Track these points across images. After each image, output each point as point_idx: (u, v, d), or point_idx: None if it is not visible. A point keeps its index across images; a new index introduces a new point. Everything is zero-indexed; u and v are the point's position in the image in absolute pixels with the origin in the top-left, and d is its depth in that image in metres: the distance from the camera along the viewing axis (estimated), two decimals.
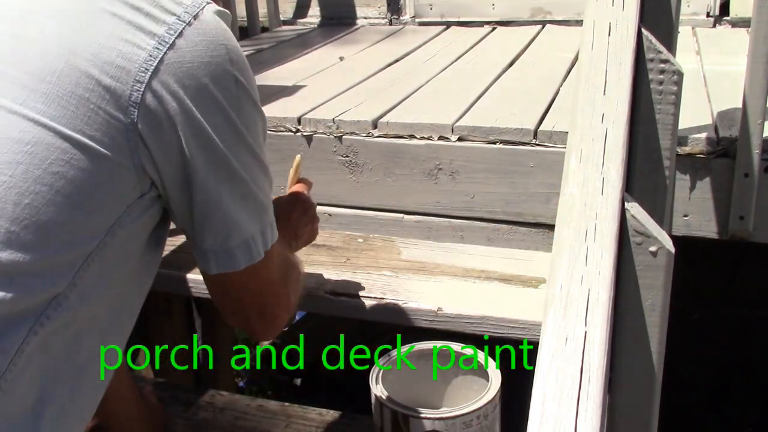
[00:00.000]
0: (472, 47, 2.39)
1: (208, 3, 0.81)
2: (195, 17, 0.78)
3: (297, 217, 1.21)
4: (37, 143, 0.72)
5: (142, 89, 0.75)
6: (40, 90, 0.73)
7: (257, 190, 0.87)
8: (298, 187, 1.28)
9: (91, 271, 0.78)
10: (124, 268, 0.83)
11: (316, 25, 2.95)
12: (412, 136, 1.57)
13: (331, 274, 1.42)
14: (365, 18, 2.90)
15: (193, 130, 0.79)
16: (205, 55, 0.78)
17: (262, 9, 2.85)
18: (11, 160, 0.71)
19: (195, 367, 2.15)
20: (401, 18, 2.85)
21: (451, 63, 2.18)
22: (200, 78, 0.78)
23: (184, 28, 0.77)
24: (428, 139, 1.56)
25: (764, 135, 1.37)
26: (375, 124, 1.60)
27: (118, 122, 0.75)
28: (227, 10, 0.85)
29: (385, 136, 1.59)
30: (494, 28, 2.68)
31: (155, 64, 0.75)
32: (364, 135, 1.60)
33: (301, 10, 3.00)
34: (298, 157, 1.33)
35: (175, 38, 0.77)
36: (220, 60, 0.79)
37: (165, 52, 0.76)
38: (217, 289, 0.93)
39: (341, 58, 2.32)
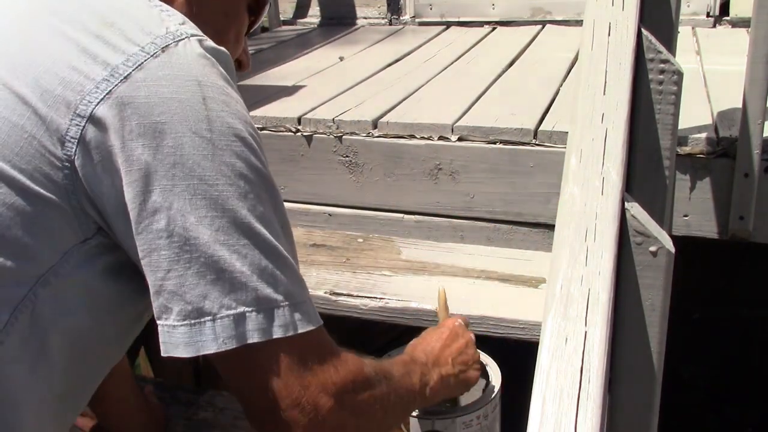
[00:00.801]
0: (472, 47, 2.39)
1: (192, 36, 0.71)
2: (164, 49, 0.68)
3: (444, 345, 1.02)
4: None
5: (82, 124, 0.66)
6: None
7: (231, 258, 0.67)
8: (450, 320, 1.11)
9: (20, 329, 0.68)
10: (67, 324, 0.71)
11: (316, 25, 2.95)
12: (412, 136, 1.57)
13: (331, 274, 1.42)
14: (365, 18, 2.90)
15: (138, 176, 0.66)
16: (167, 91, 0.67)
17: None
18: None
19: (195, 367, 2.15)
20: (401, 18, 2.85)
21: (451, 63, 2.18)
22: (155, 117, 0.66)
23: (145, 60, 0.67)
24: (428, 139, 1.56)
25: (764, 135, 1.37)
26: (375, 124, 1.60)
27: (54, 157, 0.67)
28: (224, 49, 0.74)
29: (385, 136, 1.59)
30: (494, 28, 2.68)
31: (100, 97, 0.66)
32: (364, 135, 1.60)
33: (301, 10, 3.00)
34: (441, 291, 1.17)
35: (132, 70, 0.67)
36: (187, 97, 0.67)
37: (116, 85, 0.66)
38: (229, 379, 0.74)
39: (341, 58, 2.32)
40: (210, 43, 0.73)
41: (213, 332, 0.67)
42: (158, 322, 0.68)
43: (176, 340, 0.67)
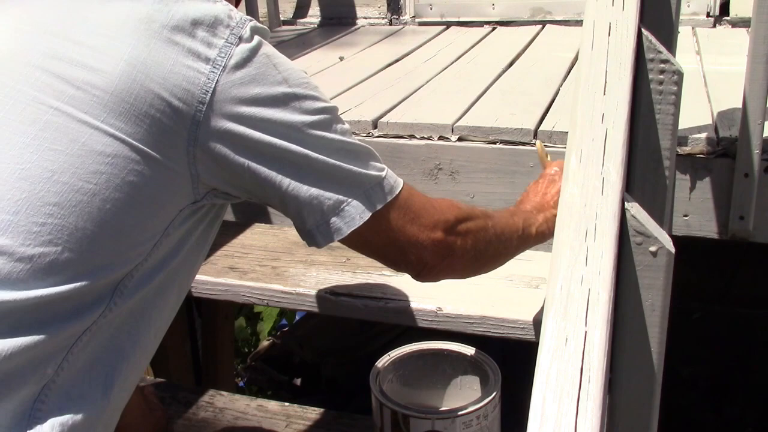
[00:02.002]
0: (472, 47, 2.39)
1: (248, 20, 0.89)
2: (240, 39, 0.87)
3: (544, 188, 1.27)
4: (116, 156, 0.82)
5: (203, 109, 0.84)
6: (118, 109, 0.83)
7: (342, 166, 0.92)
8: (548, 167, 1.33)
9: (148, 265, 0.88)
10: (175, 261, 0.92)
11: (316, 25, 2.95)
12: (412, 136, 1.57)
13: (331, 274, 1.42)
14: (365, 18, 2.90)
15: (257, 143, 0.87)
16: (252, 70, 0.87)
17: (262, 9, 2.85)
18: (95, 171, 0.82)
19: (195, 367, 2.15)
20: (401, 18, 2.85)
21: (451, 63, 2.18)
22: (252, 90, 0.86)
23: (231, 50, 0.86)
24: (428, 139, 1.56)
25: (764, 135, 1.37)
26: (375, 124, 1.60)
27: (181, 138, 0.85)
28: (265, 27, 0.92)
29: (385, 136, 1.59)
30: (494, 28, 2.68)
31: (213, 86, 0.84)
32: (364, 135, 1.60)
33: (301, 10, 3.00)
34: (538, 143, 1.39)
35: (226, 60, 0.85)
36: (265, 69, 0.88)
37: (219, 74, 0.85)
38: (355, 248, 1.01)
39: (341, 58, 2.32)
40: (255, 22, 0.90)
41: (353, 214, 0.93)
42: (308, 228, 0.93)
43: (330, 232, 0.93)
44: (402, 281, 1.38)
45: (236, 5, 1.07)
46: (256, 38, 0.89)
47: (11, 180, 0.80)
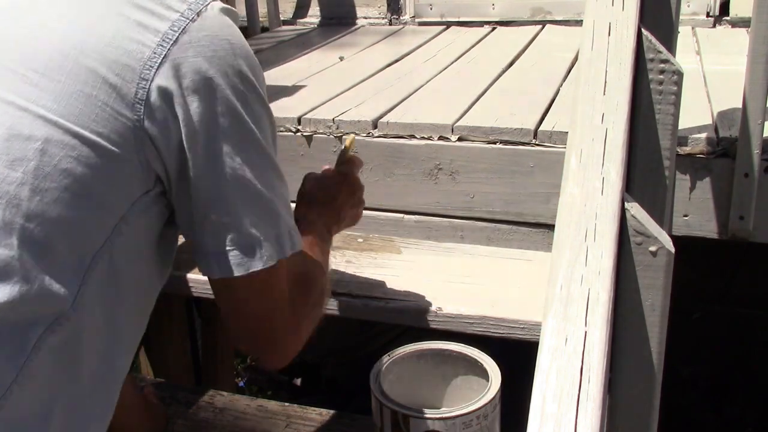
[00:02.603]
0: (472, 47, 2.39)
1: (213, 0, 0.82)
2: (198, 14, 0.79)
3: (343, 200, 1.15)
4: (47, 140, 0.73)
5: (147, 86, 0.76)
6: (50, 88, 0.74)
7: (267, 192, 0.83)
8: (347, 167, 1.20)
9: (99, 271, 0.78)
10: (133, 268, 0.83)
11: (316, 25, 2.95)
12: (412, 136, 1.57)
13: (331, 274, 1.42)
14: (365, 18, 2.90)
15: (196, 126, 0.78)
16: (208, 50, 0.78)
17: (262, 9, 2.85)
18: (23, 157, 0.73)
19: (195, 367, 2.15)
20: (401, 18, 2.85)
21: (451, 63, 2.18)
22: (203, 73, 0.78)
23: (187, 25, 0.78)
24: (428, 139, 1.56)
25: (764, 135, 1.37)
26: (375, 124, 1.60)
27: (125, 119, 0.76)
28: (234, 8, 0.85)
29: (385, 136, 1.59)
30: (494, 28, 2.68)
31: (159, 60, 0.76)
32: (364, 135, 1.60)
33: (301, 10, 3.00)
34: (351, 136, 1.29)
35: (179, 35, 0.77)
36: (223, 54, 0.79)
37: (168, 49, 0.77)
38: (223, 302, 0.90)
39: (341, 58, 2.32)
40: (221, 3, 0.83)
41: (260, 253, 0.83)
42: (211, 250, 0.83)
43: (228, 263, 0.82)
44: (402, 281, 1.38)
45: None
46: (222, 19, 0.81)
47: None
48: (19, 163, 0.73)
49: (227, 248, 0.83)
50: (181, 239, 0.95)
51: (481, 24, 2.72)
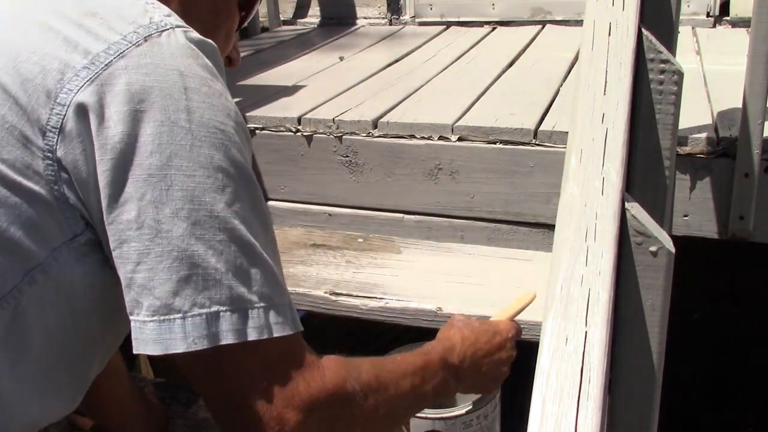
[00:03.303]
0: (472, 47, 2.39)
1: (177, 27, 0.71)
2: (147, 38, 0.68)
3: (484, 348, 0.96)
4: None
5: (63, 112, 0.65)
6: None
7: (198, 254, 0.65)
8: (506, 322, 1.05)
9: (2, 322, 0.66)
10: (51, 321, 0.69)
11: (316, 25, 2.95)
12: (412, 136, 1.57)
13: (331, 274, 1.42)
14: (365, 18, 2.90)
15: (116, 165, 0.65)
16: (149, 80, 0.66)
17: (262, 9, 2.85)
18: None
19: None
20: (401, 18, 2.85)
21: (451, 63, 2.18)
22: (134, 104, 0.65)
23: (127, 49, 0.67)
24: (428, 139, 1.56)
25: (764, 135, 1.37)
26: (375, 124, 1.60)
27: (36, 147, 0.65)
28: (211, 41, 0.73)
29: (385, 136, 1.59)
30: (494, 28, 2.68)
31: (81, 84, 0.65)
32: (364, 135, 1.60)
33: (301, 10, 3.00)
34: (532, 295, 1.13)
35: (114, 58, 0.66)
36: (168, 86, 0.66)
37: (96, 73, 0.65)
38: (187, 373, 0.71)
39: (341, 58, 2.32)
40: (195, 34, 0.72)
41: (183, 330, 0.64)
42: (130, 317, 0.66)
43: (146, 337, 0.65)
44: (402, 281, 1.38)
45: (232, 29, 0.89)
46: (180, 48, 0.68)
47: None
48: None
49: (143, 318, 0.66)
50: None
51: (481, 24, 2.72)
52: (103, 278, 0.70)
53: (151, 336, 0.65)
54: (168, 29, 0.69)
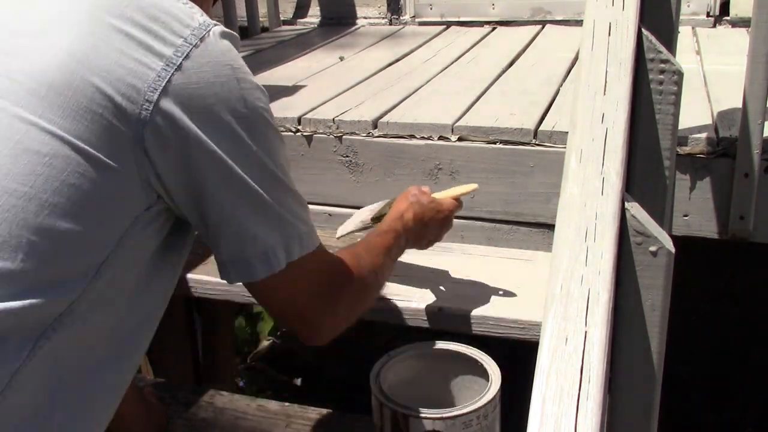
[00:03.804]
0: (472, 47, 2.39)
1: (215, 25, 0.83)
2: (201, 39, 0.81)
3: (432, 227, 1.24)
4: (55, 156, 0.75)
5: (150, 108, 0.77)
6: (56, 103, 0.75)
7: (275, 204, 0.87)
8: (449, 201, 1.27)
9: (102, 281, 0.80)
10: (137, 277, 0.85)
11: (316, 25, 2.95)
12: (412, 136, 1.57)
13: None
14: (365, 18, 2.90)
15: (200, 150, 0.81)
16: (211, 76, 0.81)
17: (262, 9, 2.85)
18: (31, 172, 0.74)
19: (195, 367, 2.15)
20: (401, 18, 2.85)
21: (451, 63, 2.18)
22: (206, 98, 0.80)
23: (191, 50, 0.80)
24: (428, 139, 1.56)
25: (764, 135, 1.37)
26: (375, 124, 1.60)
27: (127, 138, 0.78)
28: (235, 33, 0.86)
29: (385, 136, 1.59)
30: (494, 28, 2.68)
31: (163, 84, 0.78)
32: (364, 135, 1.60)
33: (301, 10, 3.00)
34: (474, 186, 1.32)
35: (182, 60, 0.79)
36: (225, 80, 0.82)
37: (172, 74, 0.78)
38: (254, 295, 0.95)
39: (341, 58, 2.32)
40: (223, 27, 0.84)
41: (270, 261, 0.87)
42: (226, 259, 0.88)
43: (242, 271, 0.87)
44: (402, 281, 1.38)
45: (212, 4, 1.02)
46: (223, 44, 0.83)
47: None
48: (27, 178, 0.74)
49: (241, 257, 0.87)
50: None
51: (481, 24, 2.72)
52: (161, 239, 0.87)
53: (244, 270, 0.88)
54: (211, 28, 0.83)
